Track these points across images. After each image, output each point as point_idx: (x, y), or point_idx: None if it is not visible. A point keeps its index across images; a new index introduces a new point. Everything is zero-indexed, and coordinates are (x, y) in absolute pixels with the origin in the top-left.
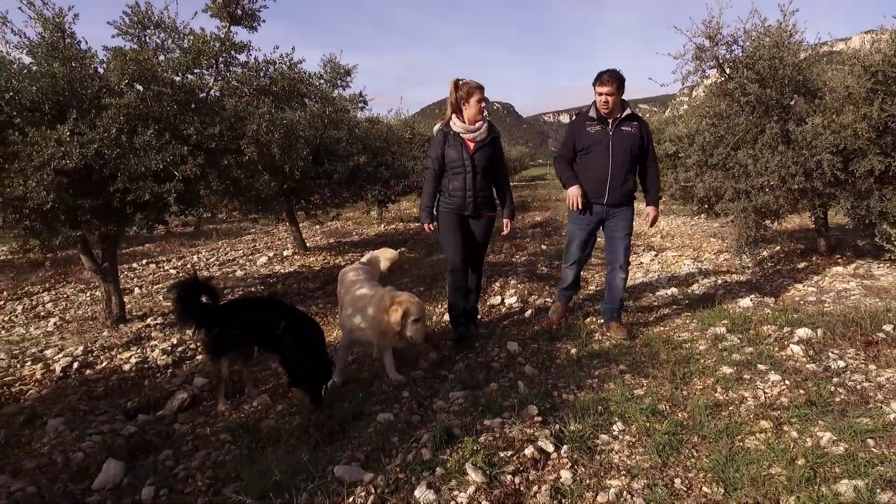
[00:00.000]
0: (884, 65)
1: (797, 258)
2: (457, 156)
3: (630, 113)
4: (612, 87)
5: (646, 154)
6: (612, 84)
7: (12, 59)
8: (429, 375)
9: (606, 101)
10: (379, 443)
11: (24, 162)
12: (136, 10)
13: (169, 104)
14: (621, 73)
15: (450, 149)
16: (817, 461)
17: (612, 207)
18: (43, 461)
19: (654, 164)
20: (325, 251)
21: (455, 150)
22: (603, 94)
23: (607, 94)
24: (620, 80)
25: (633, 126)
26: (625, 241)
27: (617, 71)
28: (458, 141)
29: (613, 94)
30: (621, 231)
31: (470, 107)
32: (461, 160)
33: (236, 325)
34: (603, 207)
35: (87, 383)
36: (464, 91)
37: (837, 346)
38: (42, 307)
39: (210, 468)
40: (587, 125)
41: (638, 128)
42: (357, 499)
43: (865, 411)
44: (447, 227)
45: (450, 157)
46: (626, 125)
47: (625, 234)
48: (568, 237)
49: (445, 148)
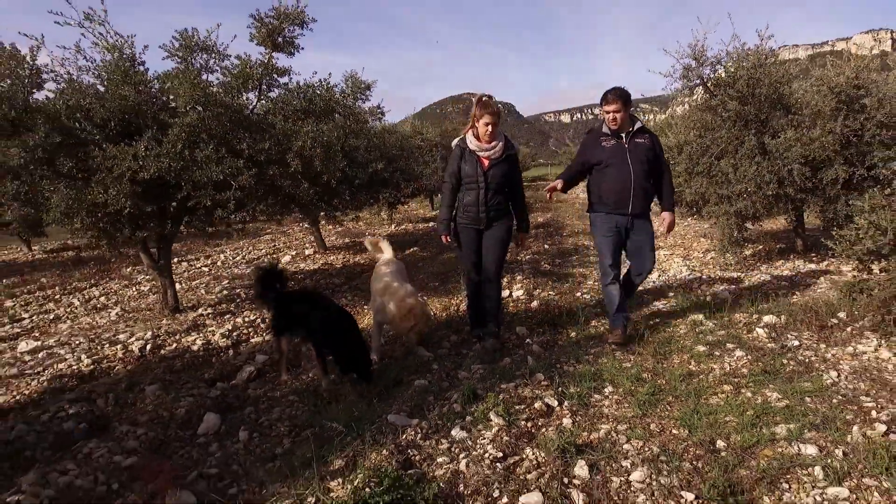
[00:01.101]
0: (847, 87)
1: (776, 256)
2: (472, 172)
3: (641, 126)
4: (618, 104)
5: (659, 163)
6: (618, 101)
7: (81, 82)
8: (452, 353)
9: (615, 119)
10: (418, 401)
11: (104, 173)
12: (184, 36)
13: (224, 123)
14: (625, 89)
15: (465, 164)
16: (763, 412)
17: (635, 218)
18: (152, 415)
19: (667, 172)
20: (343, 250)
21: (470, 165)
22: (610, 111)
23: (614, 112)
24: (625, 97)
25: (645, 138)
26: (652, 252)
27: (620, 88)
28: (474, 157)
29: (620, 111)
30: (648, 244)
31: (479, 127)
32: (475, 176)
33: (295, 310)
34: (627, 218)
35: (166, 360)
36: (477, 110)
37: (796, 330)
38: (95, 300)
39: (287, 420)
40: (602, 140)
41: (650, 139)
42: (408, 435)
43: (808, 378)
44: (463, 242)
45: (465, 173)
46: (638, 137)
47: (651, 247)
48: (598, 252)
49: (461, 163)
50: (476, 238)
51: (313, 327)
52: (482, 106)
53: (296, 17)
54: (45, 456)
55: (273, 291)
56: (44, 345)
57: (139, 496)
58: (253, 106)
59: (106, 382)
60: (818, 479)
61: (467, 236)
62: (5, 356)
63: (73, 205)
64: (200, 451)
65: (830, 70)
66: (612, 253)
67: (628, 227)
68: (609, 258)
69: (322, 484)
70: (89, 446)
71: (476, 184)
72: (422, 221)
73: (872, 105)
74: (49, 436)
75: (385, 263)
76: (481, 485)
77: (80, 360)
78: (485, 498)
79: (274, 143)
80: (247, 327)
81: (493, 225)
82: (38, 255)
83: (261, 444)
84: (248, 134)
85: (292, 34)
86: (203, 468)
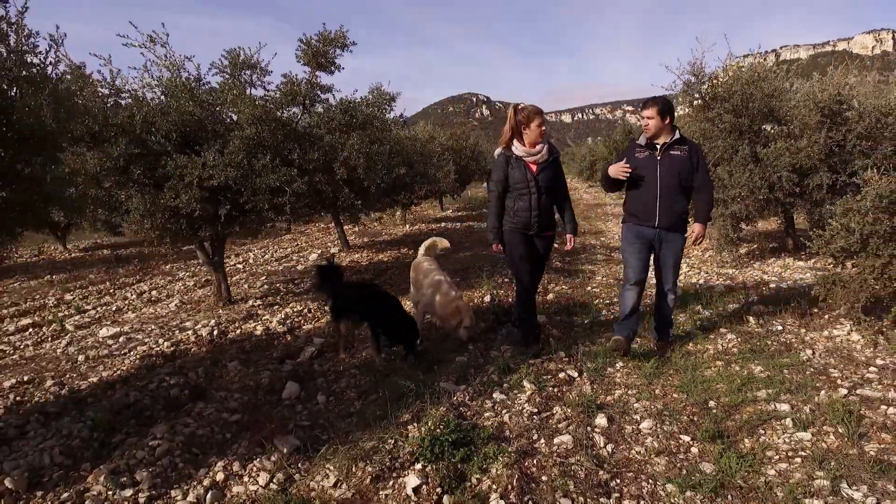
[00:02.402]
0: (830, 102)
1: (769, 254)
2: (521, 177)
3: (679, 137)
4: (653, 110)
5: (696, 177)
6: (653, 108)
7: (146, 97)
8: (482, 337)
9: (647, 125)
10: (461, 373)
11: (175, 181)
12: (231, 54)
13: (277, 136)
14: (667, 99)
15: (513, 171)
16: (748, 381)
17: (664, 231)
18: (241, 385)
19: (706, 186)
20: (365, 249)
21: (519, 172)
22: (644, 117)
23: (648, 118)
24: (663, 105)
25: (682, 150)
26: (675, 266)
27: (661, 97)
28: (521, 164)
29: (654, 118)
30: (672, 257)
31: (531, 131)
32: (525, 182)
33: (352, 298)
34: (654, 230)
35: (235, 343)
36: (523, 116)
37: (781, 317)
38: (147, 294)
39: (353, 388)
40: (636, 152)
41: (688, 151)
42: (458, 397)
43: (787, 355)
44: (517, 250)
45: (514, 179)
46: (675, 149)
47: (675, 260)
48: (623, 260)
49: (509, 171)
50: (527, 243)
51: (370, 311)
52: (537, 112)
53: (338, 40)
54: (161, 415)
55: (331, 283)
56: (122, 331)
57: (252, 441)
58: (297, 120)
59: (191, 360)
60: (788, 427)
61: (519, 241)
62: (89, 340)
63: (150, 208)
64: (289, 411)
65: (816, 86)
66: (636, 263)
67: (657, 240)
68: (632, 267)
69: (398, 430)
70: (198, 407)
71: (527, 189)
72: (434, 221)
73: (853, 118)
74: (160, 400)
75: (425, 260)
76: (523, 430)
77: (157, 343)
78: (527, 440)
79: (322, 154)
80: (296, 316)
81: (543, 234)
82: (75, 254)
83: (336, 406)
84: (297, 145)
85: (334, 55)
86: (296, 422)
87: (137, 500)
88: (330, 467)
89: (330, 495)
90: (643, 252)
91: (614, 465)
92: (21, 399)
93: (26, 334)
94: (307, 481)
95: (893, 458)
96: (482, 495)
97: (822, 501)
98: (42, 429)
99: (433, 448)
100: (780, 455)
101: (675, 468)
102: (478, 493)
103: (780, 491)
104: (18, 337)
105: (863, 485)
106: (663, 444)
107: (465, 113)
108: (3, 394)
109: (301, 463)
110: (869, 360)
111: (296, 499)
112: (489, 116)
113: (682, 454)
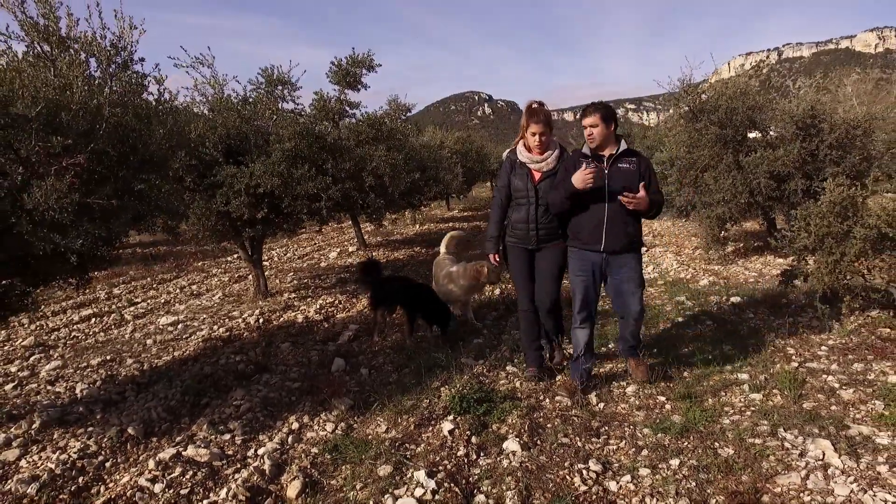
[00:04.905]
0: (803, 116)
1: (752, 252)
2: (522, 186)
3: (627, 148)
4: (595, 117)
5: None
6: (595, 115)
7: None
8: (494, 324)
9: (591, 134)
10: (479, 352)
11: (226, 188)
12: (266, 72)
13: (314, 148)
14: (608, 105)
15: (515, 178)
16: (718, 357)
17: (611, 255)
18: (295, 361)
19: (658, 197)
20: (381, 247)
21: (521, 179)
22: (586, 125)
23: (591, 126)
24: (606, 112)
25: (630, 162)
26: (637, 292)
27: (602, 102)
28: (525, 170)
29: (598, 125)
30: (631, 283)
31: (527, 138)
32: (525, 190)
33: (390, 289)
34: (600, 255)
35: (281, 329)
36: (524, 119)
37: (754, 307)
38: (187, 288)
39: (390, 363)
40: (581, 162)
41: (637, 164)
42: (478, 369)
43: (755, 338)
44: (514, 265)
45: (515, 187)
46: (623, 161)
47: (636, 286)
48: (571, 289)
49: (511, 177)
50: (527, 259)
51: (409, 299)
52: (529, 114)
53: (365, 62)
54: (235, 384)
55: (371, 276)
56: (178, 319)
57: (314, 402)
58: (328, 133)
59: (247, 342)
60: (745, 390)
61: (517, 257)
62: (151, 328)
63: (205, 212)
64: (339, 380)
65: (793, 101)
66: (583, 295)
67: (602, 266)
68: (577, 300)
69: (432, 392)
70: (264, 378)
71: (526, 198)
72: (441, 221)
73: (826, 130)
74: (231, 373)
75: (446, 258)
76: (531, 393)
77: (213, 329)
78: (535, 399)
79: (353, 164)
80: (329, 307)
81: (546, 247)
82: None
83: (377, 377)
84: (330, 156)
85: (361, 75)
86: (348, 388)
87: (234, 441)
88: (380, 419)
89: (383, 437)
90: (593, 283)
91: (604, 417)
92: (110, 374)
93: (91, 323)
94: (364, 429)
95: (823, 412)
96: (501, 436)
97: (762, 440)
98: (141, 394)
99: (462, 403)
100: (735, 410)
101: (651, 419)
102: (498, 435)
103: (730, 434)
104: (85, 325)
105: (795, 429)
106: (643, 403)
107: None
108: (94, 369)
109: (357, 417)
110: (822, 342)
111: (357, 440)
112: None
113: (657, 410)
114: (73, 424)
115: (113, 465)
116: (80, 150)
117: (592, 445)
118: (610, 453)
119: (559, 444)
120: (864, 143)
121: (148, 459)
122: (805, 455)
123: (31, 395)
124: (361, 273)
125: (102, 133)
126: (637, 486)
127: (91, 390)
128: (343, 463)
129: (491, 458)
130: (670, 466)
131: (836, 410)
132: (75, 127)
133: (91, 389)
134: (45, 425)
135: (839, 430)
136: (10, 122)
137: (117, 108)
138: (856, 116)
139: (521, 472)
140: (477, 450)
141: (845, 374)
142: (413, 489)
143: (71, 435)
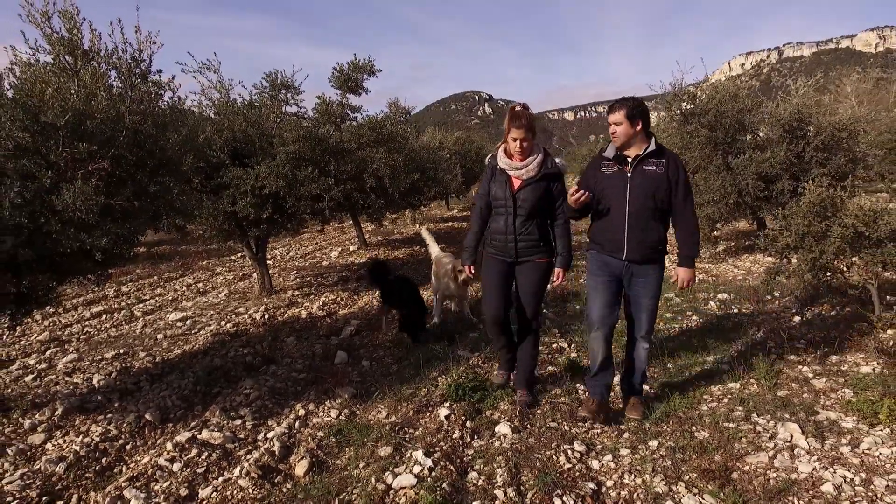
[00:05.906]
0: (789, 119)
1: (742, 251)
2: (500, 194)
3: (656, 148)
4: (619, 114)
5: (674, 198)
6: (619, 111)
7: (207, 116)
8: None
9: (614, 132)
10: (474, 345)
11: (233, 189)
12: (270, 77)
13: (316, 151)
14: (639, 100)
15: (495, 185)
16: (703, 348)
17: (634, 264)
18: (300, 354)
19: (687, 210)
20: (381, 246)
21: (500, 187)
22: (611, 123)
23: (614, 124)
24: (632, 108)
25: (658, 164)
26: (649, 305)
27: (632, 98)
28: (504, 177)
29: (622, 123)
30: (645, 295)
31: (507, 142)
32: (504, 199)
33: (393, 289)
34: (622, 263)
35: (286, 324)
36: (506, 122)
37: (739, 303)
38: (194, 286)
39: (390, 356)
40: (603, 165)
41: (665, 166)
42: (473, 361)
43: (737, 332)
44: (487, 274)
45: (494, 195)
46: (648, 164)
47: (650, 298)
48: (587, 297)
49: (491, 183)
50: (505, 272)
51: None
52: (511, 118)
53: (366, 67)
54: (243, 375)
55: (380, 277)
56: (187, 315)
57: (319, 391)
58: (330, 136)
59: (253, 337)
60: (725, 380)
61: (494, 269)
62: (160, 323)
63: (213, 212)
64: (342, 371)
65: (780, 105)
66: (601, 300)
67: (623, 275)
68: (595, 305)
69: (430, 382)
70: (271, 369)
71: (504, 208)
72: (441, 221)
73: (812, 133)
74: (240, 364)
75: (444, 255)
76: None
77: (220, 324)
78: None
79: (354, 166)
80: (332, 304)
81: (527, 261)
82: None
83: (378, 368)
84: (332, 158)
85: (362, 80)
86: (350, 378)
87: (245, 425)
88: (381, 406)
89: (384, 422)
90: (611, 287)
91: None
92: (124, 366)
93: (102, 319)
94: (366, 415)
95: (795, 399)
96: (494, 421)
97: (736, 424)
98: (155, 384)
99: (457, 391)
100: (713, 398)
101: None
102: (490, 420)
103: (707, 419)
104: (97, 321)
105: (767, 415)
106: None
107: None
108: (109, 362)
109: (359, 404)
110: (803, 335)
111: (360, 425)
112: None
113: None
114: (92, 412)
115: (133, 448)
116: (103, 156)
117: (578, 429)
118: (594, 436)
119: (547, 428)
120: (850, 145)
121: (165, 442)
122: (775, 437)
123: (51, 385)
124: (371, 273)
125: (123, 139)
126: (617, 464)
127: (107, 381)
128: (347, 445)
129: (484, 440)
130: (649, 447)
131: (808, 398)
132: (99, 134)
133: (107, 380)
134: (67, 412)
135: (809, 415)
136: (39, 130)
137: (136, 115)
138: (841, 119)
139: (511, 453)
140: (471, 433)
141: (820, 365)
142: (412, 467)
143: (92, 421)
